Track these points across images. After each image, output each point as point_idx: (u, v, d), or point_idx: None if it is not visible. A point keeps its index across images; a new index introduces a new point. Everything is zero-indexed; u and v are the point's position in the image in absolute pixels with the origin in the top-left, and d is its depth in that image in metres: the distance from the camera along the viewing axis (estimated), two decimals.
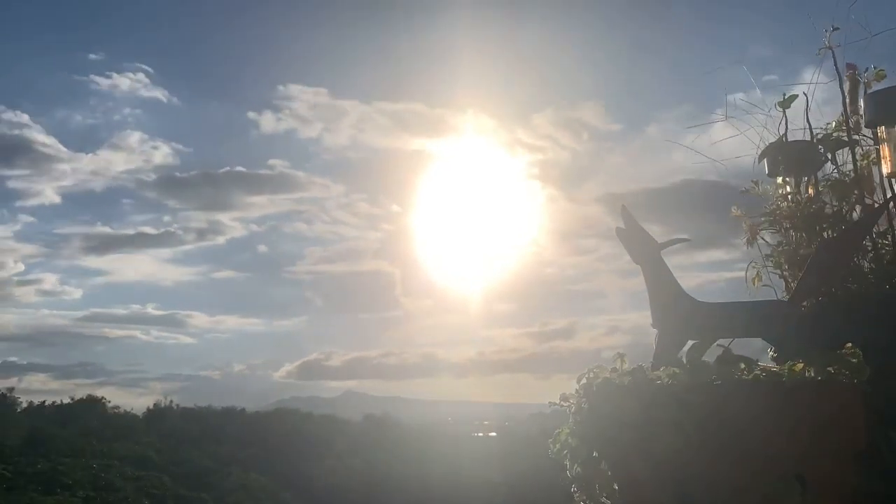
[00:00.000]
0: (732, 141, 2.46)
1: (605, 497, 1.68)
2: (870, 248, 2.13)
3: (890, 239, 2.13)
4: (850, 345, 1.57)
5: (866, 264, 2.13)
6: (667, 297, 2.09)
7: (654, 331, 2.11)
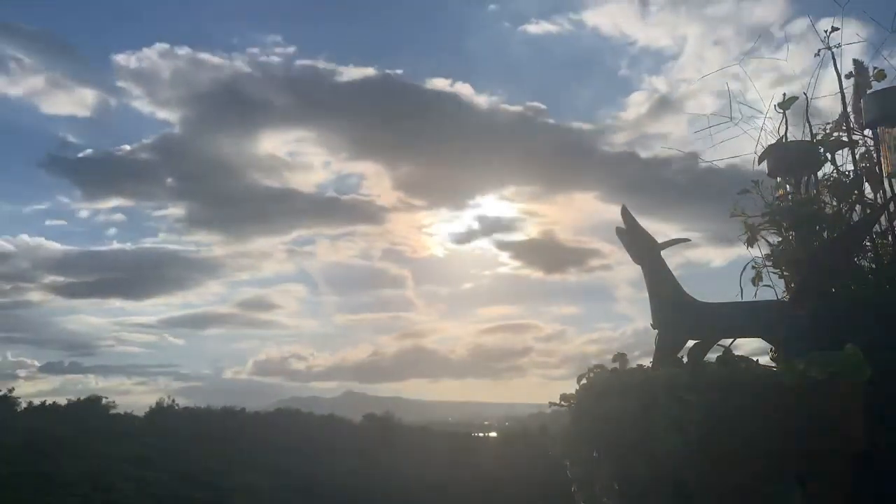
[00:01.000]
0: (735, 140, 2.47)
1: (606, 497, 1.68)
2: (870, 248, 2.13)
3: (890, 239, 2.13)
4: (850, 345, 1.57)
5: (866, 264, 2.13)
6: (667, 297, 2.09)
7: (655, 331, 2.11)
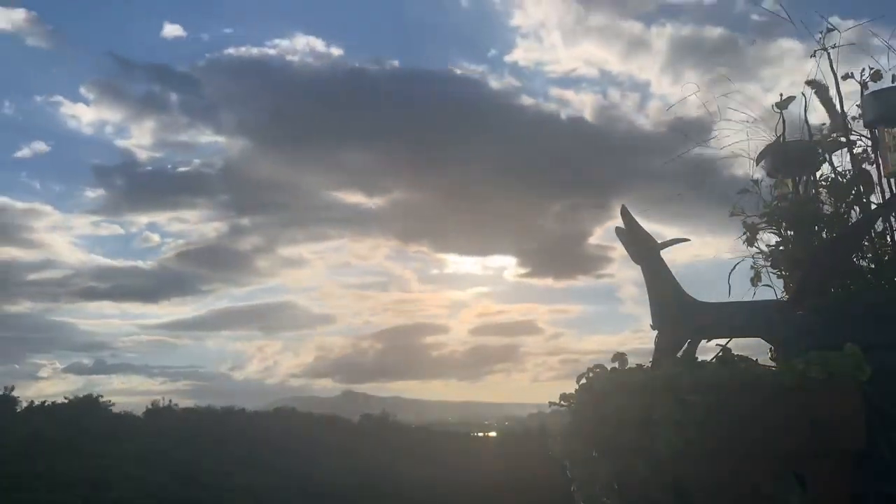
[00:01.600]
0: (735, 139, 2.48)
1: (605, 497, 1.68)
2: (869, 248, 2.13)
3: (890, 239, 2.13)
4: (849, 345, 1.57)
5: (866, 264, 2.13)
6: (666, 297, 2.09)
7: (654, 331, 2.11)
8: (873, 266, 2.11)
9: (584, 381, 1.75)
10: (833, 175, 2.27)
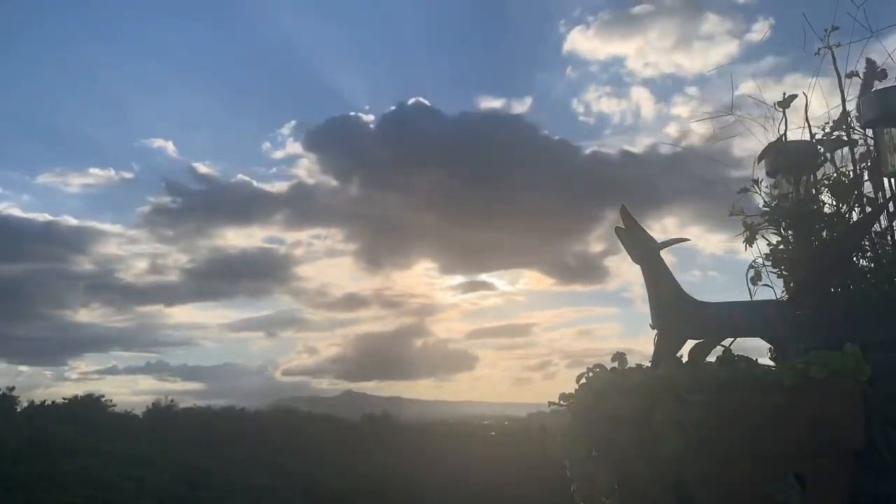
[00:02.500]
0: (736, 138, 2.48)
1: (605, 497, 1.67)
2: (869, 248, 2.13)
3: (890, 239, 2.13)
4: (849, 345, 1.57)
5: (866, 264, 2.13)
6: (666, 297, 2.09)
7: (654, 331, 2.11)
8: (873, 266, 2.11)
9: (584, 380, 1.74)
10: (836, 174, 2.26)
